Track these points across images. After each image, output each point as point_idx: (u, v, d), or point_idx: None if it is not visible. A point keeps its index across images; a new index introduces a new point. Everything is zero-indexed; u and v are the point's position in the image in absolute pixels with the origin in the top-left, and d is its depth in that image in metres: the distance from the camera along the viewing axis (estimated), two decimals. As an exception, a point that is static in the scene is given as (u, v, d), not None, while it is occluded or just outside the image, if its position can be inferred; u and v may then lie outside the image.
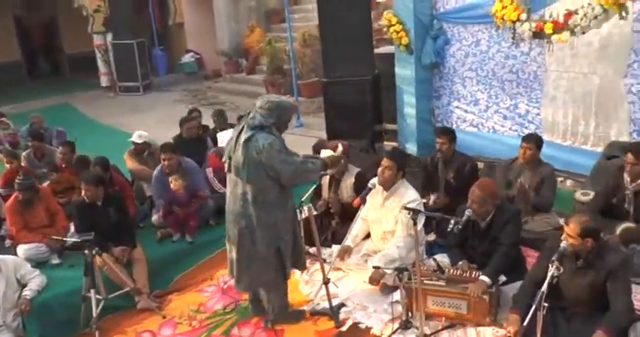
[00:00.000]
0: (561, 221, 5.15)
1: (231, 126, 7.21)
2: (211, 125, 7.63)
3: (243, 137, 3.87)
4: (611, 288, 3.57)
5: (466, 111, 7.19)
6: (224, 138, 6.24)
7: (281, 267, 4.15)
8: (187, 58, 15.18)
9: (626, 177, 4.65)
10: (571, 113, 6.19)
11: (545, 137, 6.30)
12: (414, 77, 7.23)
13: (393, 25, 7.02)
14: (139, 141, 6.47)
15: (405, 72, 7.31)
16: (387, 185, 4.70)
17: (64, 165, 6.40)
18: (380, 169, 4.69)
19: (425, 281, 4.06)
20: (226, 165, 4.07)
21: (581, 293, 3.66)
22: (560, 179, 5.98)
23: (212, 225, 5.94)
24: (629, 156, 4.58)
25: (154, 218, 5.88)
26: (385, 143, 7.88)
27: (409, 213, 3.75)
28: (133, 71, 13.49)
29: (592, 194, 5.07)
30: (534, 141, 5.24)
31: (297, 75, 10.48)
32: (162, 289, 5.17)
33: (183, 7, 15.22)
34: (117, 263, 4.93)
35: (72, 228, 5.43)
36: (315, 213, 5.13)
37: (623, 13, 4.88)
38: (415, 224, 3.73)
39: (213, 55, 14.52)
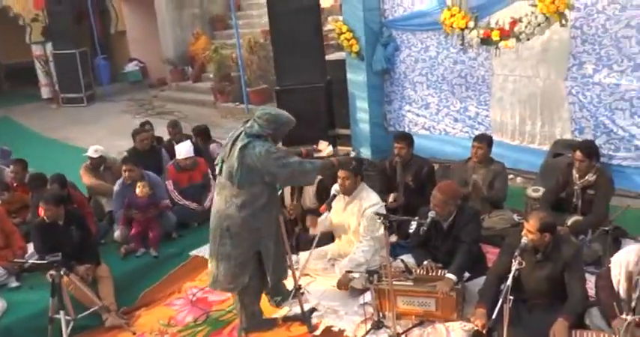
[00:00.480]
0: (515, 216, 5.46)
1: (187, 137, 7.19)
2: (166, 136, 7.56)
3: (239, 144, 3.95)
4: (567, 278, 3.81)
5: (418, 114, 7.42)
6: (181, 150, 6.23)
7: (259, 273, 4.23)
8: (131, 66, 14.87)
9: (575, 174, 4.94)
10: (518, 114, 6.52)
11: (494, 137, 6.59)
12: (365, 83, 7.40)
13: (344, 33, 7.17)
14: (95, 155, 6.38)
15: (357, 78, 7.48)
16: (349, 192, 4.83)
17: (15, 184, 6.22)
18: (339, 181, 4.79)
19: (394, 282, 4.20)
20: (217, 168, 4.15)
21: (541, 284, 3.89)
22: (510, 176, 6.27)
23: (175, 237, 5.98)
24: (578, 154, 4.87)
25: (117, 234, 5.83)
26: (339, 148, 8.03)
27: (379, 218, 3.89)
28: (76, 82, 13.11)
29: (542, 190, 5.35)
30: (485, 140, 5.53)
31: (245, 82, 10.50)
32: (129, 305, 5.11)
33: (125, 15, 14.91)
34: (82, 281, 4.86)
35: (30, 249, 5.31)
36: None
37: (563, 21, 5.20)
38: (386, 228, 3.86)
39: (157, 63, 14.31)
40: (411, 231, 5.23)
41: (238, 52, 9.69)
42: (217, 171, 4.15)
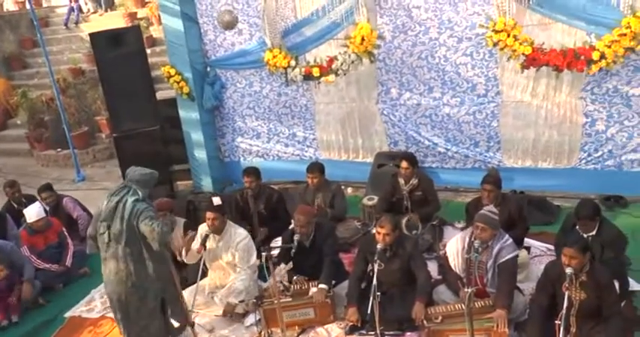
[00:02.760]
0: (356, 223, 6.35)
1: (28, 198, 6.98)
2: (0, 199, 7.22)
3: (128, 210, 4.20)
4: (414, 267, 4.74)
5: (250, 144, 8.08)
6: (31, 212, 6.06)
7: (166, 319, 4.56)
8: None
9: (401, 181, 5.95)
10: (341, 135, 7.52)
11: (323, 156, 7.60)
12: (199, 120, 7.85)
13: (173, 76, 7.55)
14: None
15: (189, 116, 7.89)
16: (219, 231, 5.28)
17: None
18: (208, 222, 5.20)
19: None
20: (105, 236, 4.28)
21: (394, 276, 4.76)
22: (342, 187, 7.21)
23: (43, 303, 5.84)
24: (404, 163, 5.88)
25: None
26: (179, 182, 8.35)
27: (264, 251, 4.44)
28: None
29: (375, 198, 6.31)
30: (317, 169, 6.20)
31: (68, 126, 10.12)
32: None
33: None
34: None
35: None
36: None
37: (372, 58, 6.23)
38: (270, 258, 4.42)
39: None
40: (273, 253, 5.91)
41: (56, 93, 9.20)
42: (106, 240, 4.29)
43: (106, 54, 7.36)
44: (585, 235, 4.48)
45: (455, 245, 4.73)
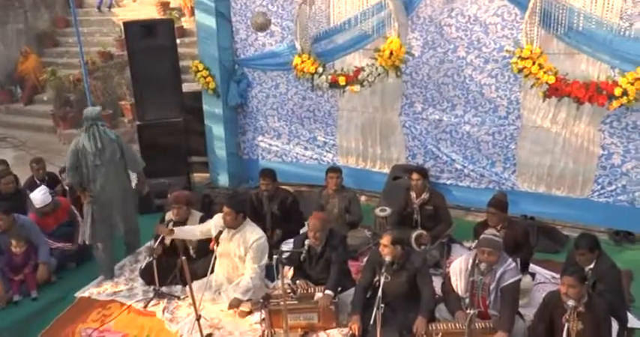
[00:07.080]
0: (366, 232, 6.47)
1: (50, 176, 7.20)
2: (22, 173, 7.40)
3: (110, 133, 5.92)
4: (419, 282, 4.85)
5: (270, 144, 8.20)
6: (36, 199, 6.19)
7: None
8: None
9: (413, 194, 6.08)
10: (361, 143, 7.62)
11: (341, 162, 7.71)
12: (222, 116, 7.98)
13: (200, 71, 7.70)
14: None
15: (213, 111, 8.02)
16: (232, 226, 5.40)
17: None
18: (222, 215, 5.38)
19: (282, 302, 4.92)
20: (98, 161, 5.78)
21: (399, 289, 4.86)
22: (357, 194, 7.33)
23: (54, 281, 6.01)
24: (414, 175, 6.02)
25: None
26: (195, 174, 8.50)
27: (276, 254, 4.57)
28: None
29: (388, 210, 6.37)
30: (338, 170, 6.47)
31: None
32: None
33: None
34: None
35: None
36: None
37: (398, 73, 6.33)
38: (281, 262, 4.55)
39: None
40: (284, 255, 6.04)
41: (84, 74, 9.33)
42: (98, 163, 5.78)
43: (137, 43, 7.50)
44: (585, 268, 4.55)
45: (458, 266, 4.81)
